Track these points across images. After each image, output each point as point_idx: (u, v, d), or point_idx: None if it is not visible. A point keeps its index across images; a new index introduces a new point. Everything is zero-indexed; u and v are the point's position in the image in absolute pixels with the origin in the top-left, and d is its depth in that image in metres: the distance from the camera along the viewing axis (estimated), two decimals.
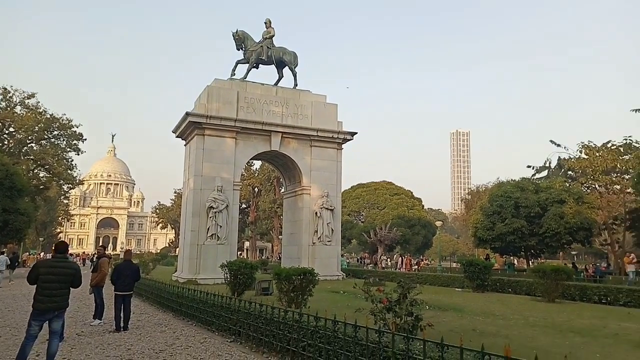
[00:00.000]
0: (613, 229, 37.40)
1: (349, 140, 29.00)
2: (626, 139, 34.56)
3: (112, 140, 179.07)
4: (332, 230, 27.36)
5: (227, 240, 24.58)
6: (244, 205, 68.83)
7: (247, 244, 72.97)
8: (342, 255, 54.51)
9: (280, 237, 53.81)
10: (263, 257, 62.29)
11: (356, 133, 28.96)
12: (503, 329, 10.51)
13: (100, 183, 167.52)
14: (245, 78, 28.04)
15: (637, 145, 33.33)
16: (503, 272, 29.85)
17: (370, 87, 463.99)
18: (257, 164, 61.76)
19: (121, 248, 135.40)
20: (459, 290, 21.93)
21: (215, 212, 24.27)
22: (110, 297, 11.66)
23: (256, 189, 65.70)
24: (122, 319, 10.41)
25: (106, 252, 14.19)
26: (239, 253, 69.60)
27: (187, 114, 25.28)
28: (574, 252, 61.40)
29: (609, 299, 16.96)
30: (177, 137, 28.61)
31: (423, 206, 69.46)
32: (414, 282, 8.57)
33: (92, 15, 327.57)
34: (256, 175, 64.46)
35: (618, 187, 35.24)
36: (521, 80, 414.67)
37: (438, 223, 50.98)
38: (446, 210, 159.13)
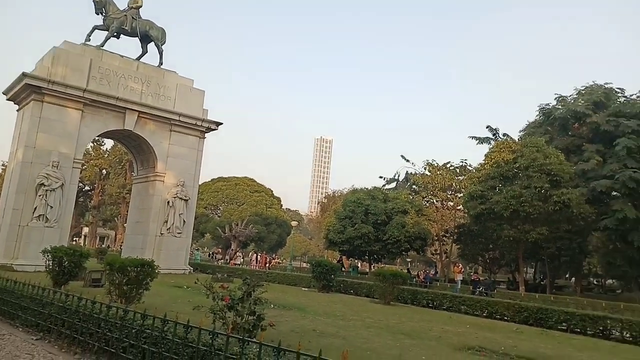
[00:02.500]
0: (443, 240, 42.03)
1: (213, 130, 27.82)
2: (462, 162, 39.24)
3: None
4: (184, 221, 25.90)
5: (58, 223, 21.61)
6: (87, 188, 62.21)
7: (85, 230, 66.04)
8: (196, 249, 52.82)
9: (126, 225, 49.72)
10: (103, 246, 56.82)
11: (221, 123, 27.92)
12: (342, 329, 10.70)
13: None
14: (102, 46, 25.10)
15: (470, 168, 37.96)
16: (348, 274, 31.41)
17: (247, 85, 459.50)
18: (109, 144, 56.34)
19: None
20: (306, 289, 22.34)
21: (46, 191, 21.17)
22: None
23: (104, 171, 59.91)
24: None
25: None
26: (74, 239, 62.68)
27: (24, 75, 21.66)
28: (408, 260, 67.76)
29: (435, 303, 18.71)
30: (8, 99, 24.42)
31: (282, 205, 70.47)
32: (262, 280, 8.24)
33: None
34: (105, 155, 58.76)
35: (451, 203, 39.73)
36: (384, 95, 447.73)
37: (294, 223, 52.02)
38: (303, 212, 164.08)
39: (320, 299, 18.07)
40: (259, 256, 43.20)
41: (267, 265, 41.71)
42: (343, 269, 34.63)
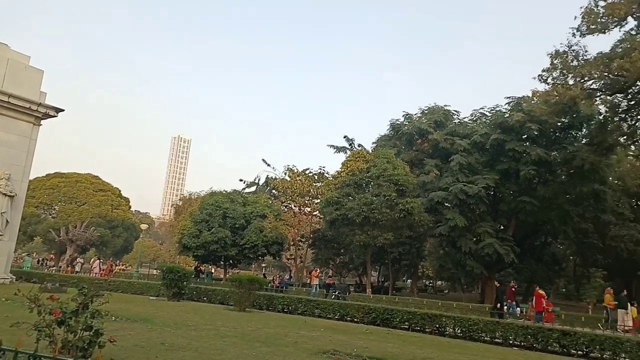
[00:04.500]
0: (299, 245, 42.98)
1: (52, 116, 24.27)
2: (321, 169, 40.67)
3: None
4: (7, 221, 22.00)
5: None
6: None
7: None
8: (27, 255, 45.68)
9: None
10: None
11: (62, 110, 24.51)
12: (194, 341, 9.93)
13: None
14: None
15: (328, 175, 39.54)
16: (201, 281, 30.10)
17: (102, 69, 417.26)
18: None
19: None
20: (154, 298, 20.68)
21: None
22: None
23: None
24: None
25: None
26: None
27: None
28: (264, 265, 68.08)
29: (290, 308, 18.77)
30: None
31: (130, 207, 65.23)
32: (102, 290, 7.15)
33: None
34: None
35: (309, 209, 40.86)
36: (249, 97, 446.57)
37: (143, 226, 48.36)
38: (155, 214, 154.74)
39: (171, 309, 16.79)
40: (101, 263, 39.08)
41: (111, 272, 37.98)
42: (202, 276, 33.18)
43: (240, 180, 47.25)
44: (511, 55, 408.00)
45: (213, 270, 47.55)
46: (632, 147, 31.42)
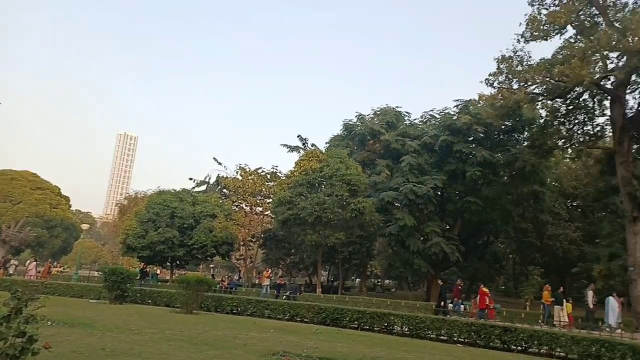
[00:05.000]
0: (249, 245, 42.42)
1: None
2: (273, 168, 40.27)
3: None
4: None
5: None
6: None
7: None
8: None
9: None
10: None
11: None
12: (137, 345, 9.50)
13: None
14: None
15: (280, 175, 39.22)
16: (146, 282, 29.05)
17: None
18: None
19: None
20: (94, 301, 19.77)
21: None
22: None
23: None
24: None
25: None
26: None
27: None
28: (212, 265, 66.75)
29: (239, 309, 18.45)
30: None
31: (70, 206, 62.13)
32: (38, 293, 6.65)
33: None
34: None
35: (260, 208, 40.40)
36: (200, 95, 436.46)
37: (84, 226, 46.14)
38: (97, 214, 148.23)
39: (113, 312, 16.08)
40: (38, 264, 36.85)
41: (49, 274, 35.93)
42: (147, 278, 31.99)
43: (190, 179, 46.14)
44: (461, 59, 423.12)
45: (159, 272, 46.08)
46: (569, 150, 33.17)
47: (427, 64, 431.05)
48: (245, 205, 40.80)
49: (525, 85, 24.65)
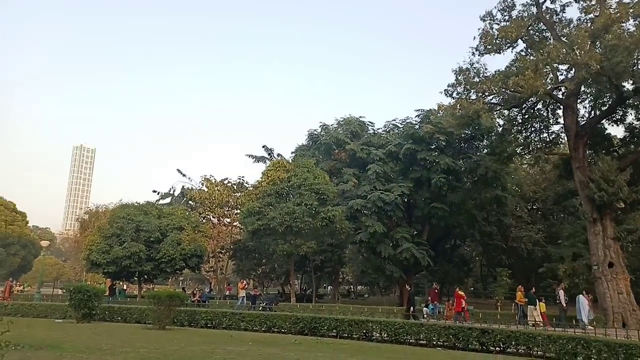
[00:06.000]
0: (219, 257, 41.72)
1: None
2: (240, 178, 39.82)
3: None
4: None
5: None
6: None
7: None
8: None
9: None
10: None
11: None
12: None
13: None
14: None
15: (247, 185, 38.84)
16: (114, 299, 28.08)
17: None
18: None
19: None
20: (60, 321, 18.96)
21: None
22: None
23: None
24: None
25: None
26: None
27: None
28: (181, 278, 65.28)
29: (214, 322, 18.05)
30: None
31: (27, 222, 59.49)
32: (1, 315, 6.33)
33: None
34: None
35: (228, 220, 39.83)
36: (163, 106, 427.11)
37: (44, 243, 44.08)
38: (56, 230, 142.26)
39: (81, 332, 15.43)
40: None
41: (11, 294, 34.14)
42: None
43: (154, 191, 44.91)
44: (421, 70, 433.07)
45: (125, 287, 44.66)
46: (528, 156, 34.36)
47: (388, 75, 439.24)
48: (213, 217, 40.16)
49: (483, 95, 25.34)
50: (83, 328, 16.48)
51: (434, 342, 14.45)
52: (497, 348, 13.57)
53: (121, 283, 39.22)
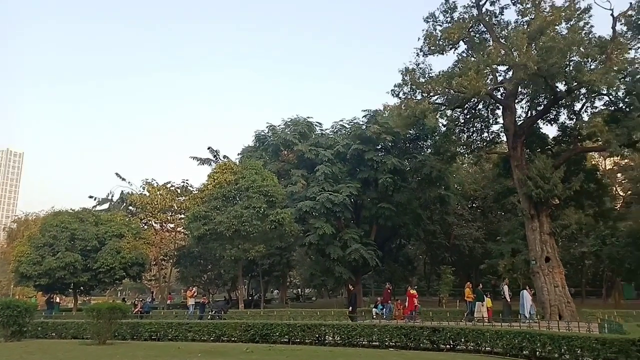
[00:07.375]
0: (162, 264, 40.04)
1: None
2: (184, 182, 38.35)
3: None
4: None
5: None
6: None
7: None
8: None
9: None
10: None
11: None
12: None
13: None
14: None
15: (192, 188, 37.52)
16: (47, 314, 26.14)
17: None
18: None
19: None
20: None
21: None
22: None
23: None
24: None
25: None
26: None
27: None
28: (120, 288, 62.16)
29: (159, 334, 17.16)
30: None
31: None
32: None
33: None
34: None
35: (172, 225, 38.28)
36: (98, 107, 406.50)
37: None
38: None
39: (11, 351, 14.13)
40: None
41: None
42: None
43: (91, 197, 42.26)
44: (366, 70, 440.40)
45: (59, 300, 41.89)
46: (469, 156, 35.54)
47: (334, 74, 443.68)
48: (155, 223, 38.44)
49: (428, 95, 25.95)
50: (13, 347, 15.10)
51: (387, 343, 14.46)
52: (447, 346, 13.78)
53: (55, 295, 36.68)
